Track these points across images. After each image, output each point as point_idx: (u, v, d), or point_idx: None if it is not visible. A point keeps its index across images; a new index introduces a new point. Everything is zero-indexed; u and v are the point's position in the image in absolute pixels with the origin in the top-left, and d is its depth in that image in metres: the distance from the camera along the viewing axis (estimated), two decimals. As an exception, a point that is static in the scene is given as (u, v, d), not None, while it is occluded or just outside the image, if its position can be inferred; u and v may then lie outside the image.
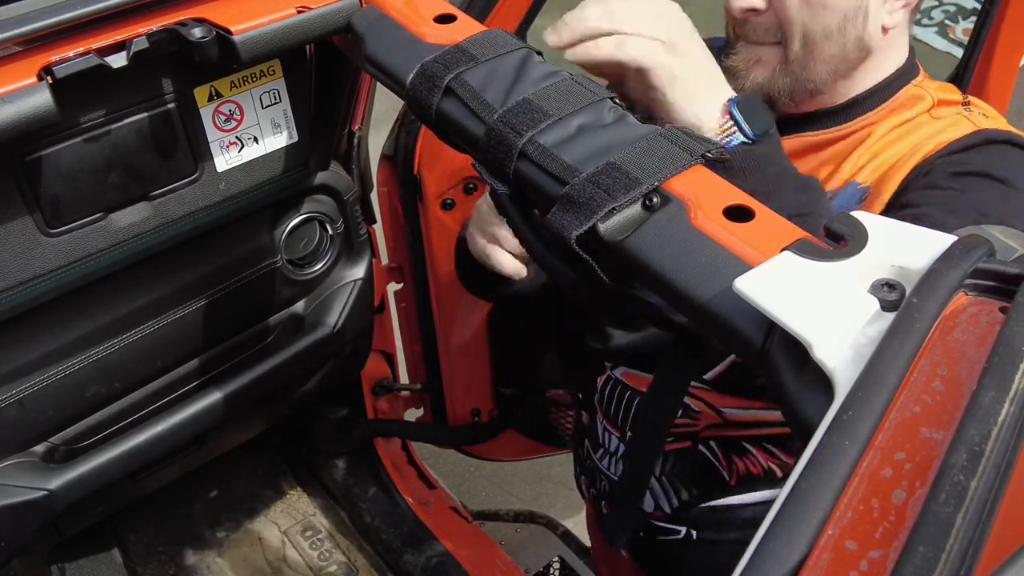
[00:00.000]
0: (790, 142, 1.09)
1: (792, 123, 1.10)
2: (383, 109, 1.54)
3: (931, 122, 1.07)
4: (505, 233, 1.01)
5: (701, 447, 1.24)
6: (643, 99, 0.92)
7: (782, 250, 0.64)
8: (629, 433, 1.29)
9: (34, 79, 0.88)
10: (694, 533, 1.30)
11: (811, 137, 1.11)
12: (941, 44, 5.02)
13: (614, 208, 0.71)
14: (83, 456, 1.28)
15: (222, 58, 0.98)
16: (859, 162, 1.07)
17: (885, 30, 1.05)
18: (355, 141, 1.44)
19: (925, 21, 5.10)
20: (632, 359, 1.28)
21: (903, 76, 1.10)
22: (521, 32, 1.54)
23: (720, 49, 1.20)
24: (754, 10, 1.04)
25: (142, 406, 1.33)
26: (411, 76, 0.87)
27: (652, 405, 1.23)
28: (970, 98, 1.11)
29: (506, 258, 1.04)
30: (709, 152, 0.75)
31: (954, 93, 1.11)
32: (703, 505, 1.27)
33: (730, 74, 1.05)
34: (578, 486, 1.51)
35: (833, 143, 1.10)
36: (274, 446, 2.02)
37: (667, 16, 0.90)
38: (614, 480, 1.34)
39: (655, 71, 0.88)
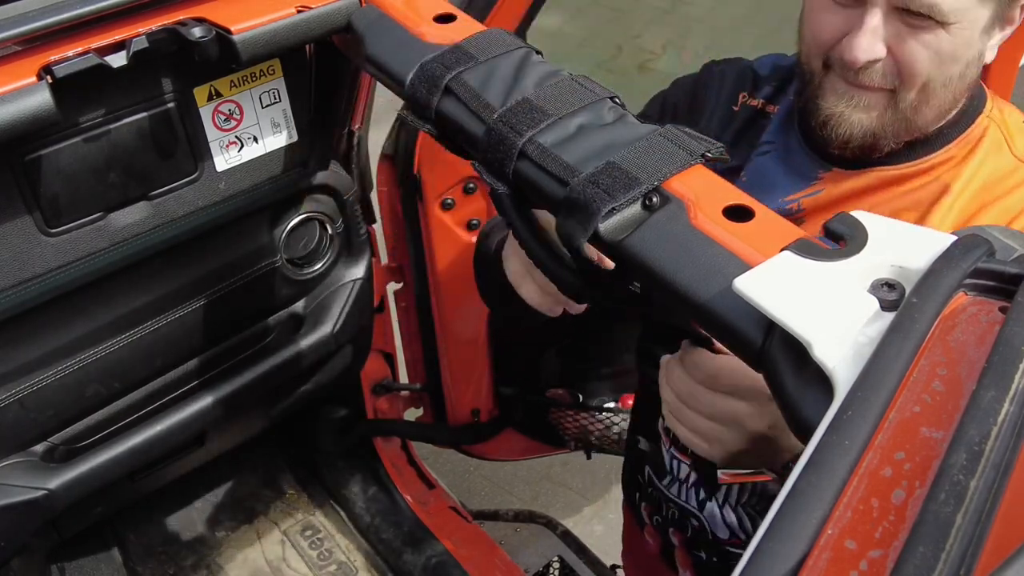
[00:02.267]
0: (864, 177, 1.05)
1: (866, 159, 1.05)
2: (380, 104, 1.54)
3: (1018, 170, 1.02)
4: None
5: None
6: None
7: (782, 250, 0.64)
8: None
9: (34, 79, 0.88)
10: None
11: (885, 172, 1.05)
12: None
13: (614, 208, 0.71)
14: (83, 456, 1.28)
15: (222, 58, 0.98)
16: (946, 220, 1.01)
17: (986, 68, 1.01)
18: (355, 141, 1.44)
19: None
20: None
21: (975, 103, 1.05)
22: (521, 32, 1.54)
23: (786, 68, 1.16)
24: (875, 59, 0.97)
25: (142, 406, 1.33)
26: (411, 76, 0.87)
27: None
28: None
29: (536, 293, 0.98)
30: (709, 152, 0.75)
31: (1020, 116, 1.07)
32: None
33: (831, 120, 1.01)
34: (634, 510, 1.47)
35: (909, 179, 1.05)
36: (274, 446, 2.02)
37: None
38: (686, 508, 1.31)
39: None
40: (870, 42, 0.94)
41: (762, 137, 1.14)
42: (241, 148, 1.17)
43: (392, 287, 1.89)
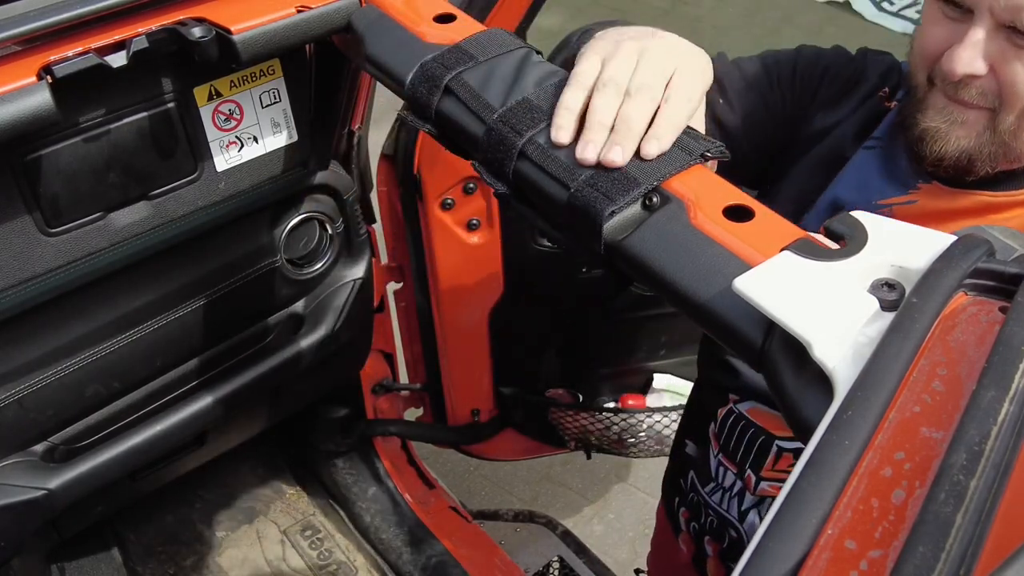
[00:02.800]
0: (960, 198, 1.04)
1: (968, 180, 1.03)
2: (380, 104, 1.54)
3: None
4: None
5: None
6: None
7: (782, 250, 0.64)
8: (748, 471, 1.25)
9: (34, 78, 0.88)
10: None
11: (984, 197, 1.04)
12: (870, 13, 4.77)
13: (614, 211, 0.71)
14: (83, 456, 1.28)
15: (222, 58, 0.98)
16: None
17: None
18: (355, 140, 1.44)
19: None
20: (768, 397, 1.19)
21: None
22: (521, 32, 1.53)
23: (895, 73, 1.14)
24: (974, 75, 0.95)
25: (142, 406, 1.33)
26: (411, 76, 0.87)
27: None
28: None
29: None
30: (709, 152, 0.75)
31: None
32: None
33: (927, 134, 1.00)
34: (671, 515, 1.46)
35: (1006, 208, 1.04)
36: (274, 446, 2.02)
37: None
38: (726, 517, 1.30)
39: None
40: (971, 56, 0.93)
41: (874, 132, 1.14)
42: (241, 148, 1.17)
43: (392, 287, 1.89)
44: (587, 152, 0.75)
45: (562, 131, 0.77)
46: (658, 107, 0.77)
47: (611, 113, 0.76)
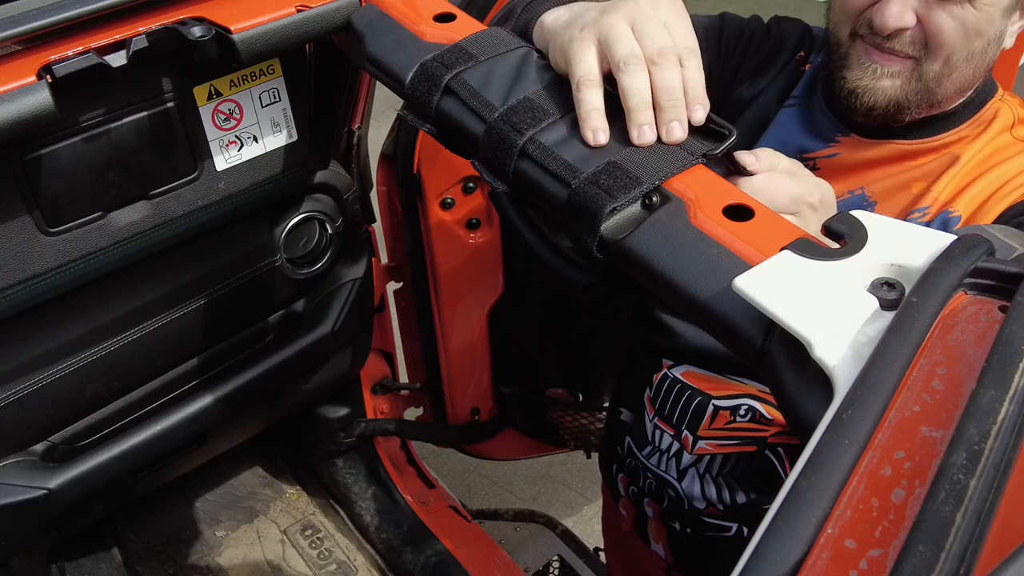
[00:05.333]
0: (881, 148, 1.10)
1: (885, 130, 1.09)
2: (380, 103, 1.54)
3: (1014, 145, 1.07)
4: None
5: (768, 452, 1.24)
6: None
7: (781, 249, 0.64)
8: (685, 432, 1.28)
9: (33, 78, 0.88)
10: (745, 530, 1.29)
11: (904, 145, 1.09)
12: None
13: (615, 208, 0.71)
14: (83, 455, 1.28)
15: (221, 57, 0.98)
16: (952, 188, 1.06)
17: (1002, 51, 1.05)
18: (354, 140, 1.44)
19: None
20: (703, 359, 1.26)
21: (987, 88, 1.10)
22: (521, 31, 1.53)
23: (808, 37, 1.19)
24: (904, 27, 1.01)
25: (142, 405, 1.33)
26: (411, 75, 0.87)
27: None
28: None
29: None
30: (710, 152, 0.75)
31: None
32: (762, 507, 1.27)
33: (857, 89, 1.04)
34: (610, 482, 1.49)
35: (923, 155, 1.09)
36: (274, 446, 2.02)
37: None
38: (664, 478, 1.33)
39: None
40: (900, 10, 0.98)
41: (793, 91, 1.19)
42: (241, 147, 1.17)
43: (392, 286, 1.89)
44: (645, 136, 0.75)
45: (600, 132, 0.76)
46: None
47: (648, 89, 0.75)
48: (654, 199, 0.72)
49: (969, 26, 0.98)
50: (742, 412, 1.23)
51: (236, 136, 1.16)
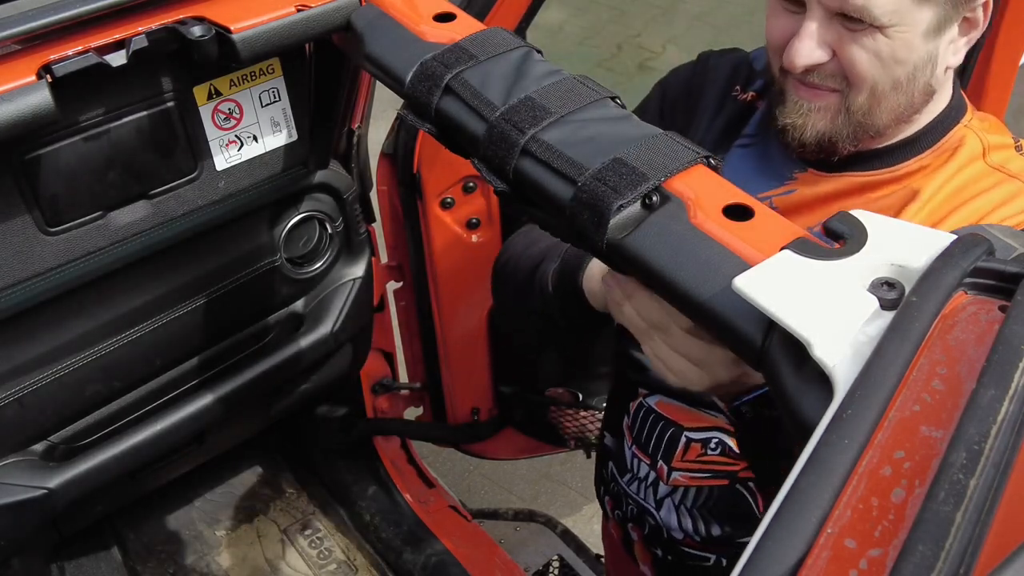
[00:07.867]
0: (839, 181, 1.06)
1: (841, 162, 1.05)
2: (380, 102, 1.54)
3: (989, 175, 1.02)
4: (642, 294, 0.89)
5: (739, 487, 1.23)
6: None
7: (781, 249, 0.64)
8: (660, 462, 1.27)
9: (33, 77, 0.88)
10: (724, 561, 1.29)
11: (858, 178, 1.06)
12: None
13: (621, 205, 0.71)
14: (82, 455, 1.28)
15: (221, 57, 0.98)
16: (916, 221, 1.00)
17: (947, 69, 1.01)
18: (354, 139, 1.44)
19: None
20: (672, 390, 1.23)
21: (952, 113, 1.06)
22: (521, 31, 1.53)
23: (744, 68, 1.17)
24: (815, 64, 0.98)
25: (141, 404, 1.33)
26: (410, 75, 0.87)
27: None
28: (1021, 140, 1.06)
29: (635, 320, 0.91)
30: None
31: (1004, 134, 1.07)
32: (737, 540, 1.26)
33: (785, 129, 1.02)
34: (600, 502, 1.50)
35: (882, 186, 1.05)
36: (274, 445, 2.02)
37: None
38: (644, 507, 1.32)
39: None
40: (809, 47, 0.96)
41: (744, 130, 1.15)
42: (241, 147, 1.17)
43: (392, 286, 1.89)
44: None
45: None
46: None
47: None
48: (654, 199, 0.72)
49: (884, 56, 0.94)
50: (712, 445, 1.23)
51: (236, 136, 1.16)
